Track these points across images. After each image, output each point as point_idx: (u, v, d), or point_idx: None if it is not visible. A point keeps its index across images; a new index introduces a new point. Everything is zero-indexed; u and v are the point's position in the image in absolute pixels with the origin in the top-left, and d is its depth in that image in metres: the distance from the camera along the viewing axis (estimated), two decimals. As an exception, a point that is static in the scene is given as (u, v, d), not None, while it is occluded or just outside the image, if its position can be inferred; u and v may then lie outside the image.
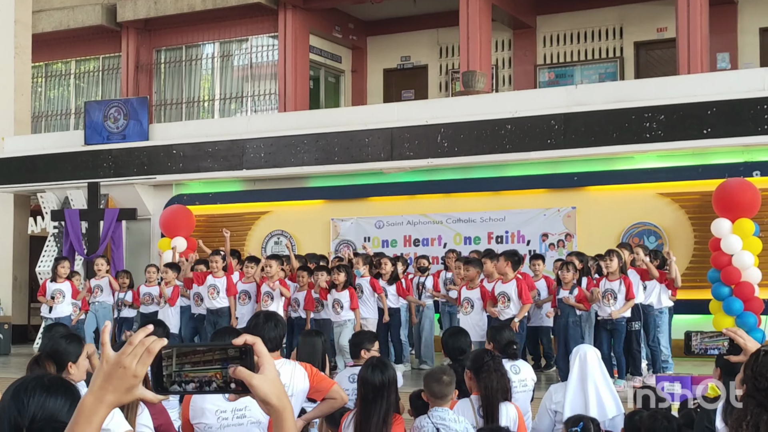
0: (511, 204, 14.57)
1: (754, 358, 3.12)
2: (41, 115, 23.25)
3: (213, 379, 1.92)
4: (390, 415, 5.30)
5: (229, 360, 1.92)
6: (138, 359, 1.89)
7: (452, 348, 6.94)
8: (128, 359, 1.89)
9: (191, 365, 1.91)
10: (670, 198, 13.60)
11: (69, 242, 16.87)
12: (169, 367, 1.91)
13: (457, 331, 7.50)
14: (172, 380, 1.91)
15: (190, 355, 1.92)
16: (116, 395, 1.90)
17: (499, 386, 5.78)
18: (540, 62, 20.26)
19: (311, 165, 15.51)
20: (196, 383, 1.92)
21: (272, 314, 5.60)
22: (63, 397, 2.46)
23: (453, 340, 7.04)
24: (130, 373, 1.89)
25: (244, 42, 21.31)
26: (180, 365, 1.91)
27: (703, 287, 12.57)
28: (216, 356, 1.92)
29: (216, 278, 12.59)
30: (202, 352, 1.92)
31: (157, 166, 16.73)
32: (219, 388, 1.93)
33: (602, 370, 6.36)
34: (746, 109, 12.65)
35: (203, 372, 1.92)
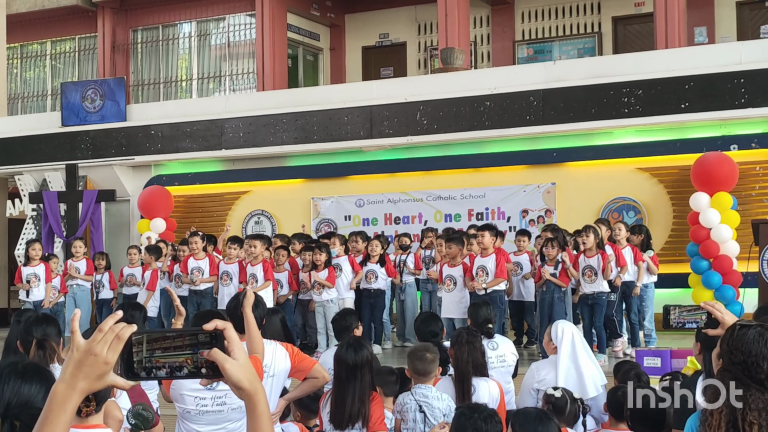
0: (491, 181, 14.58)
1: (730, 332, 3.14)
2: (17, 97, 23.04)
3: (184, 364, 1.92)
4: (366, 395, 5.30)
5: (199, 345, 1.92)
6: (108, 346, 1.89)
7: (424, 333, 6.97)
8: (99, 346, 1.89)
9: (162, 351, 1.91)
10: (648, 173, 13.65)
11: (48, 224, 16.77)
12: (140, 353, 1.91)
13: (428, 317, 7.54)
14: (142, 366, 1.91)
15: (161, 341, 1.92)
16: (88, 382, 1.90)
17: (470, 359, 5.82)
18: (518, 38, 20.22)
19: (290, 144, 15.46)
20: (166, 369, 1.92)
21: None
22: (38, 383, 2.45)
23: (424, 326, 7.07)
24: (101, 360, 1.89)
25: (221, 21, 21.16)
26: (150, 351, 1.91)
27: (681, 261, 12.66)
28: (186, 341, 1.92)
29: (198, 260, 12.55)
30: (172, 337, 1.92)
31: (136, 147, 16.64)
32: (190, 374, 1.93)
33: (583, 344, 6.40)
34: (723, 83, 12.69)
35: (174, 357, 1.92)
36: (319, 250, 11.78)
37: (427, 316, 7.77)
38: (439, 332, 6.99)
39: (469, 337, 5.92)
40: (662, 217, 13.48)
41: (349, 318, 7.04)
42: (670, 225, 13.44)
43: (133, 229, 16.60)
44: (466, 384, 5.75)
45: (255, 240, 12.06)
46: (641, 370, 6.21)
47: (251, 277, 11.83)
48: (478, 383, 5.84)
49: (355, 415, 5.25)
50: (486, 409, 4.44)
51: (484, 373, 5.94)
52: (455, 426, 4.37)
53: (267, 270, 11.85)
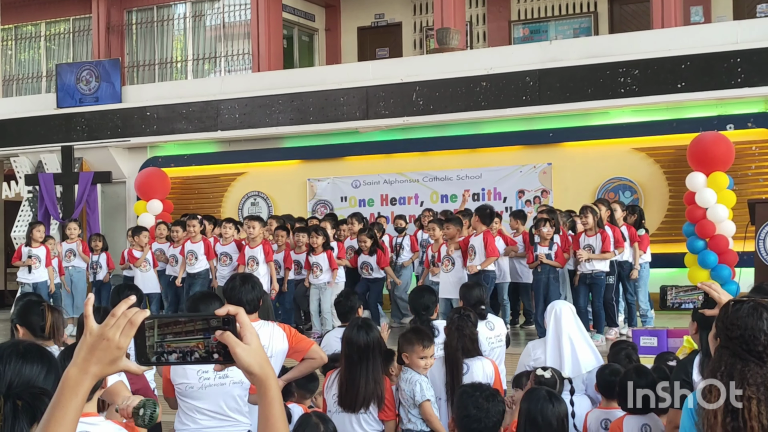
0: (487, 161, 14.59)
1: (725, 310, 3.19)
2: (12, 79, 22.95)
3: (195, 349, 1.93)
4: (380, 375, 5.34)
5: (211, 330, 1.93)
6: (121, 331, 1.90)
7: (417, 304, 7.01)
8: (111, 331, 1.90)
9: (173, 336, 1.92)
10: (645, 153, 13.66)
11: (44, 206, 16.76)
12: (151, 338, 1.92)
13: (423, 289, 7.59)
14: (154, 351, 1.92)
15: (172, 326, 1.92)
16: (100, 367, 1.91)
17: (459, 345, 5.85)
18: (514, 18, 20.17)
19: (286, 125, 15.45)
20: (178, 354, 1.93)
21: (249, 276, 5.60)
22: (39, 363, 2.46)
23: (417, 297, 7.11)
24: (113, 345, 1.90)
25: (216, 1, 21.07)
26: (162, 336, 1.92)
27: (678, 241, 12.69)
28: (198, 326, 1.93)
29: (193, 243, 12.55)
30: (183, 322, 1.93)
31: (131, 128, 16.61)
32: (201, 359, 1.94)
33: (578, 324, 6.41)
34: (720, 62, 12.68)
35: (185, 342, 1.92)
36: (315, 233, 11.77)
37: (421, 288, 7.80)
38: (431, 305, 7.02)
39: (459, 321, 5.94)
40: (658, 197, 13.51)
41: (353, 298, 7.08)
42: (666, 205, 13.47)
43: (130, 210, 16.59)
44: (455, 368, 5.78)
45: (254, 221, 12.03)
46: (634, 350, 6.24)
47: (251, 260, 11.80)
48: (472, 363, 5.87)
49: (369, 396, 5.28)
50: (488, 388, 4.47)
51: (477, 352, 5.97)
52: (457, 403, 4.40)
53: (267, 252, 11.81)
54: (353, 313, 6.78)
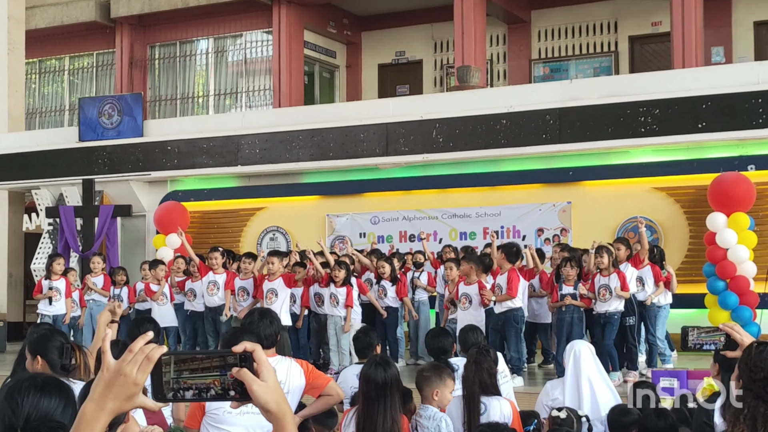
0: (506, 199, 14.56)
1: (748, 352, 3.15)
2: (35, 112, 23.19)
3: (211, 386, 1.91)
4: (398, 413, 5.30)
5: (227, 367, 1.91)
6: (138, 367, 1.90)
7: (434, 348, 6.97)
8: (128, 367, 1.90)
9: (190, 372, 1.91)
10: (665, 192, 13.61)
11: (64, 239, 16.83)
12: (168, 374, 1.91)
13: (439, 332, 7.56)
14: (170, 387, 1.91)
15: (189, 362, 1.91)
16: (117, 403, 1.91)
17: (477, 379, 5.81)
18: (535, 57, 20.25)
19: (306, 161, 15.49)
20: (194, 390, 1.91)
21: (267, 311, 5.61)
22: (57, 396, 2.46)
23: (435, 341, 7.07)
24: (130, 381, 1.90)
25: (238, 37, 21.28)
26: (178, 372, 1.91)
27: (698, 281, 12.58)
28: (215, 363, 1.92)
29: (216, 274, 12.58)
30: (200, 359, 1.92)
31: (152, 162, 16.70)
32: (217, 396, 1.92)
33: (597, 364, 6.37)
34: (741, 103, 12.65)
35: (202, 379, 1.91)
36: (338, 267, 11.79)
37: (437, 331, 7.77)
38: (449, 348, 6.98)
39: (477, 356, 5.91)
40: (679, 237, 13.43)
41: (371, 335, 7.06)
42: (687, 245, 13.37)
43: (149, 244, 16.65)
44: (473, 404, 5.73)
45: (273, 257, 12.08)
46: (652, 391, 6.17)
47: (270, 292, 11.80)
48: (490, 402, 5.82)
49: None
50: (506, 428, 4.43)
51: (495, 391, 5.92)
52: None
53: (287, 280, 11.85)
54: (371, 350, 6.75)
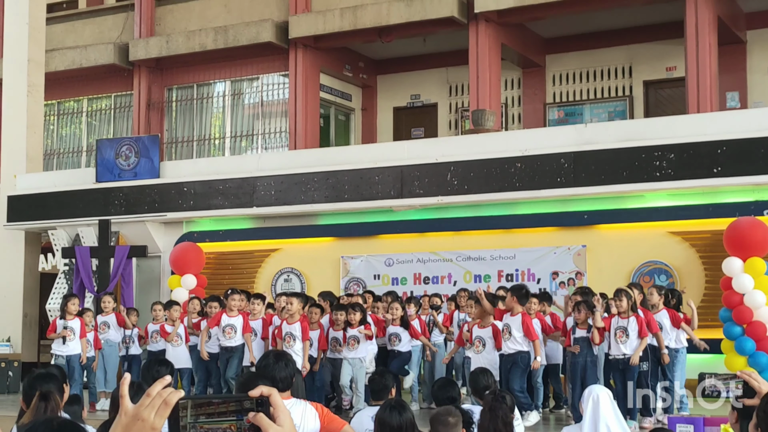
0: (521, 242, 14.55)
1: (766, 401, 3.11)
2: (53, 153, 23.37)
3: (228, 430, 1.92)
4: None
5: (244, 411, 1.92)
6: (156, 411, 1.91)
7: (442, 399, 6.92)
8: (146, 411, 1.91)
9: (206, 416, 1.92)
10: (680, 237, 13.57)
11: (79, 279, 16.88)
12: (185, 418, 1.92)
13: (446, 382, 7.51)
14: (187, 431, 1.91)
15: (206, 407, 1.92)
16: None
17: (492, 427, 5.76)
18: (549, 101, 20.32)
19: (321, 202, 15.55)
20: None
21: (282, 353, 5.58)
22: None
23: (442, 391, 7.02)
24: (148, 425, 1.90)
25: (255, 80, 21.44)
26: (195, 416, 1.91)
27: (714, 326, 12.48)
28: (231, 408, 1.93)
29: (231, 317, 12.54)
30: (217, 403, 1.93)
31: (168, 203, 16.79)
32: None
33: (615, 410, 6.32)
34: (756, 148, 12.65)
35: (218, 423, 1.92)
36: (353, 309, 11.78)
37: (444, 381, 7.73)
38: (457, 397, 6.94)
39: (493, 403, 5.87)
40: (694, 282, 13.35)
41: (387, 377, 7.03)
42: (703, 290, 13.30)
43: (164, 284, 16.68)
44: None
45: (292, 297, 12.06)
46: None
47: (288, 335, 11.78)
48: None
49: None
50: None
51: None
52: None
53: (305, 329, 11.81)
54: (387, 392, 6.72)
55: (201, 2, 21.59)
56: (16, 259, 18.54)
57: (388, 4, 18.53)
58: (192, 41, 20.72)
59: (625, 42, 19.34)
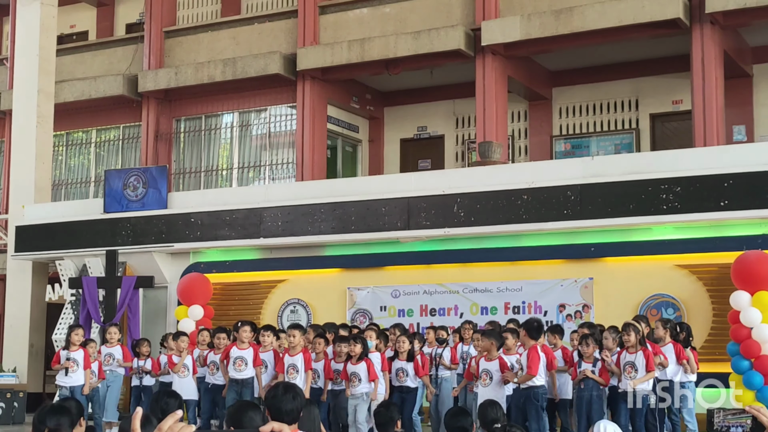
0: (528, 274, 14.53)
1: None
2: (61, 183, 23.46)
3: None
4: None
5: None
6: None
7: (454, 428, 6.90)
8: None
9: None
10: (688, 270, 13.54)
11: (86, 309, 16.90)
12: None
13: (458, 411, 7.49)
14: None
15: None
16: None
17: None
18: (556, 133, 20.37)
19: (328, 234, 15.56)
20: None
21: (291, 386, 5.55)
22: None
23: (454, 421, 7.00)
24: None
25: (262, 112, 21.53)
26: None
27: (722, 360, 12.44)
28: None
29: (242, 350, 12.49)
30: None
31: (175, 234, 16.82)
32: None
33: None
34: (763, 181, 12.66)
35: None
36: (354, 342, 11.73)
37: (457, 410, 7.71)
38: (469, 428, 6.91)
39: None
40: (701, 315, 13.31)
41: (392, 409, 7.02)
42: (710, 323, 13.26)
43: (170, 315, 16.67)
44: None
45: (294, 330, 12.04)
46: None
47: (291, 367, 11.75)
48: None
49: None
50: None
51: None
52: None
53: (307, 360, 11.78)
54: (393, 425, 6.71)
55: (210, 34, 21.74)
56: (23, 289, 18.57)
57: (396, 36, 18.64)
58: (200, 73, 20.84)
59: (631, 75, 19.40)
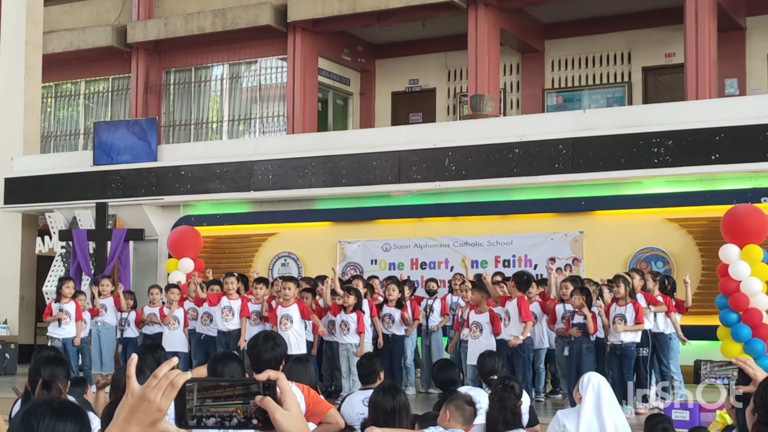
0: (518, 228, 14.55)
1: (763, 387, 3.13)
2: (50, 135, 23.33)
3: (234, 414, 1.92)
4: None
5: (250, 395, 1.92)
6: (162, 393, 1.90)
7: (442, 381, 6.94)
8: (153, 393, 1.90)
9: (212, 400, 1.92)
10: (678, 223, 13.57)
11: (76, 262, 16.89)
12: (191, 401, 1.92)
13: (445, 364, 7.54)
14: (193, 414, 1.92)
15: (212, 390, 1.92)
16: (140, 428, 1.91)
17: (500, 417, 5.79)
18: (548, 86, 20.30)
19: (319, 187, 15.53)
20: (216, 418, 1.92)
21: (271, 335, 5.56)
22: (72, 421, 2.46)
23: (442, 374, 7.04)
24: (154, 407, 1.90)
25: (253, 64, 21.40)
26: (201, 399, 1.92)
27: (710, 313, 12.52)
28: (238, 391, 1.93)
29: (231, 300, 12.56)
30: (223, 387, 1.93)
31: (165, 187, 16.76)
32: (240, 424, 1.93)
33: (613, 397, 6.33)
34: (755, 135, 12.64)
35: (225, 407, 1.92)
36: (347, 293, 11.78)
37: (444, 363, 7.75)
38: (457, 379, 6.96)
39: (502, 393, 5.90)
40: (691, 269, 13.35)
41: (375, 361, 7.05)
42: (699, 276, 13.31)
43: (161, 268, 16.67)
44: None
45: (289, 282, 12.08)
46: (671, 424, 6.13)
47: (284, 318, 11.80)
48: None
49: None
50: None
51: (518, 425, 5.92)
52: None
53: (303, 310, 11.82)
54: (375, 376, 6.74)
55: (199, -15, 21.52)
56: (13, 242, 18.53)
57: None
58: (190, 24, 20.66)
59: (624, 28, 19.31)
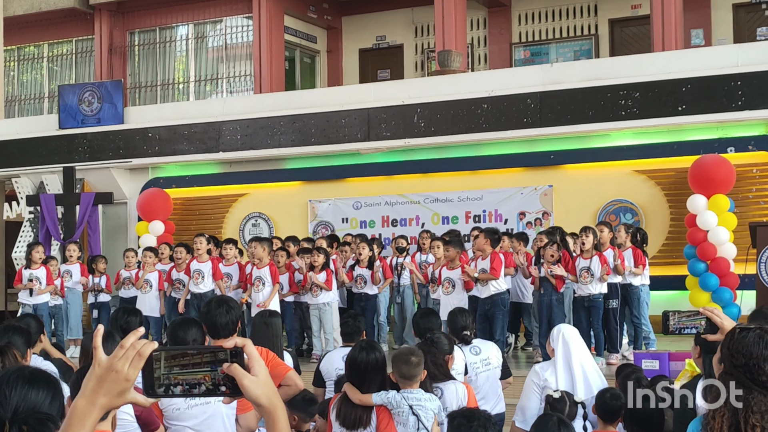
0: (488, 183, 14.60)
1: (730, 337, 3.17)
2: (14, 100, 23.03)
3: (202, 381, 1.93)
4: None
5: (218, 362, 1.93)
6: (129, 363, 1.90)
7: (422, 328, 6.99)
8: (120, 363, 1.90)
9: (180, 368, 1.92)
10: (645, 175, 13.68)
11: (45, 227, 16.76)
12: (159, 369, 1.92)
13: (428, 312, 7.60)
14: (161, 383, 1.92)
15: (179, 358, 1.92)
16: (108, 398, 1.92)
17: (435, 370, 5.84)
18: (515, 41, 20.25)
19: (288, 147, 15.47)
20: (184, 386, 1.93)
21: (224, 299, 5.54)
22: (45, 389, 2.47)
23: (424, 321, 7.08)
24: (122, 377, 1.90)
25: (218, 23, 21.17)
26: (169, 368, 1.92)
27: (679, 263, 12.69)
28: (205, 359, 1.93)
29: (200, 263, 12.52)
30: (191, 354, 1.93)
31: (133, 149, 16.64)
32: (208, 391, 1.94)
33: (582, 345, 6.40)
34: (720, 85, 12.72)
35: (192, 375, 1.92)
36: (317, 252, 11.80)
37: (426, 311, 7.81)
38: (437, 329, 7.01)
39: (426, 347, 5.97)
40: (659, 220, 13.51)
41: (359, 320, 7.12)
42: (667, 227, 13.47)
43: (131, 231, 16.60)
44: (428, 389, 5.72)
45: (257, 242, 12.06)
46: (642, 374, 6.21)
47: (257, 280, 11.80)
48: (445, 387, 5.85)
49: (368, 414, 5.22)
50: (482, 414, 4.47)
51: (447, 377, 5.97)
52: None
53: (274, 273, 11.84)
54: (359, 335, 6.80)
55: (161, -57, 21.20)
56: (-20, 208, 18.36)
57: (352, -57, 18.29)
58: (153, -16, 20.38)
59: (590, -20, 19.26)
